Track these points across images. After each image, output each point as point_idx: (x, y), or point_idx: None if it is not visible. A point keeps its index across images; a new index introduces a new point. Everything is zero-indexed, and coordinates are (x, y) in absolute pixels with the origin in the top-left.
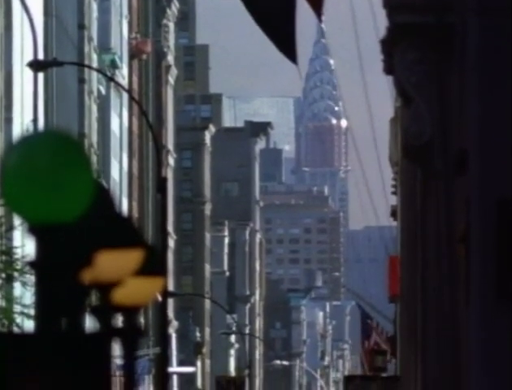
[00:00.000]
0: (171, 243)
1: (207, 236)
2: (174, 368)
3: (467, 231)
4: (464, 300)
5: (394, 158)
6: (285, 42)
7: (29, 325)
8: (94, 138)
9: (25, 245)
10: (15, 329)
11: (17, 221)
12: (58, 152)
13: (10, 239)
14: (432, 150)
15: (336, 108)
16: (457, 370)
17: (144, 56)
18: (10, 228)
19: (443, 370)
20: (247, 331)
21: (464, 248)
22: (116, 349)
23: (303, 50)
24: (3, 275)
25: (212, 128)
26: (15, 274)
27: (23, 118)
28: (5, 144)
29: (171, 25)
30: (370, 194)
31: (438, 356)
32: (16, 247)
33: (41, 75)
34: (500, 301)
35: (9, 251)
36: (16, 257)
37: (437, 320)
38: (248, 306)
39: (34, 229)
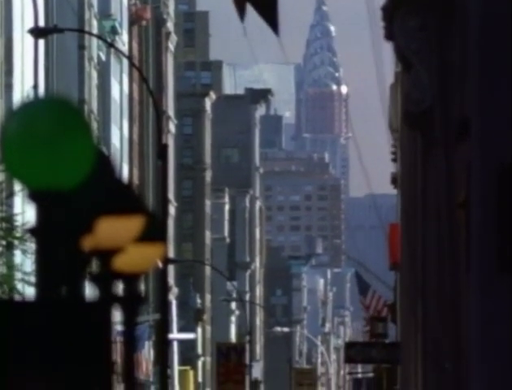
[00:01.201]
0: (172, 210)
1: (207, 203)
2: (174, 334)
3: (467, 199)
4: (464, 267)
5: (394, 125)
6: (267, 11)
7: (30, 292)
8: (94, 104)
9: (25, 212)
10: (16, 296)
11: (17, 187)
12: (59, 118)
13: (10, 206)
14: (432, 117)
15: (337, 74)
16: (457, 336)
17: (144, 22)
18: (11, 194)
19: (443, 336)
20: (247, 298)
21: (464, 215)
22: (117, 316)
23: (304, 17)
24: (3, 243)
25: (212, 95)
26: (16, 241)
27: (24, 84)
28: (5, 110)
29: None
30: (370, 161)
31: (438, 323)
32: (16, 214)
33: (41, 42)
34: (500, 269)
35: (9, 218)
36: (16, 224)
37: (437, 287)
38: (248, 273)
39: (34, 196)
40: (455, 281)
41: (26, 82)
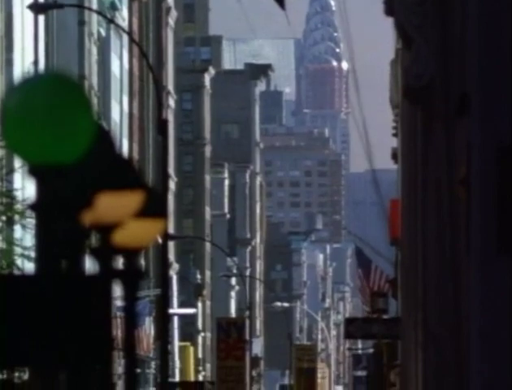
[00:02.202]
0: (172, 185)
1: (207, 178)
2: (174, 309)
3: (468, 175)
4: (464, 244)
5: (395, 100)
6: None
7: (30, 267)
8: (95, 80)
9: (25, 188)
10: (16, 271)
11: (17, 163)
12: (59, 94)
13: (10, 181)
14: (433, 92)
15: (337, 50)
16: (457, 311)
17: None
18: (11, 171)
19: (443, 311)
20: (248, 273)
21: (464, 191)
22: (117, 291)
23: None
24: (4, 218)
25: (212, 70)
26: (16, 217)
27: (24, 60)
28: (5, 86)
29: None
30: (371, 137)
31: (438, 298)
32: (16, 189)
33: (41, 18)
34: (500, 249)
35: (9, 193)
36: (17, 199)
37: (437, 263)
38: (248, 249)
39: (34, 171)
40: (455, 258)
41: (26, 58)
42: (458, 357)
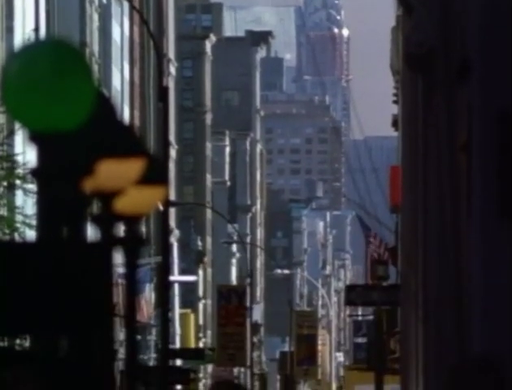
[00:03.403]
0: (173, 152)
1: (208, 145)
2: (175, 277)
3: (469, 141)
4: (465, 210)
5: (395, 67)
6: None
7: (31, 235)
8: (95, 47)
9: (26, 152)
10: (17, 238)
11: (17, 126)
12: (60, 61)
13: (11, 145)
14: (434, 59)
15: (338, 17)
16: (457, 280)
17: None
18: (11, 133)
19: (444, 278)
20: (248, 240)
21: (465, 157)
22: (118, 258)
23: None
24: (5, 184)
25: (213, 38)
26: (17, 181)
27: (25, 27)
28: (6, 53)
29: None
30: (371, 104)
31: (439, 265)
32: (17, 154)
33: None
34: (500, 214)
35: (10, 158)
36: (17, 164)
37: (438, 230)
38: (249, 216)
39: (35, 137)
40: (456, 224)
41: (27, 25)
42: (459, 322)
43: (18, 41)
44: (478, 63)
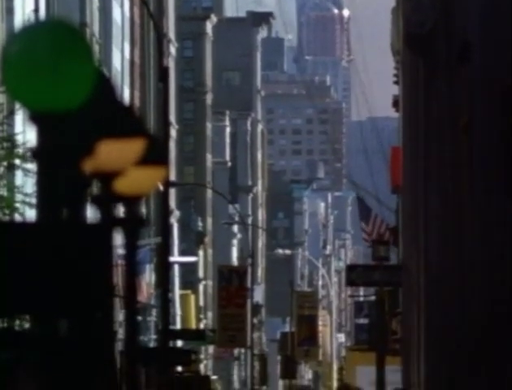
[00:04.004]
0: (173, 132)
1: (209, 125)
2: (175, 257)
3: (470, 121)
4: (467, 190)
5: (396, 48)
6: None
7: (31, 214)
8: (96, 27)
9: (26, 132)
10: (17, 217)
11: (17, 106)
12: (60, 41)
13: (11, 125)
14: (434, 40)
15: None
16: (459, 259)
17: None
18: (11, 113)
19: (445, 259)
20: (249, 221)
21: (466, 137)
22: (118, 239)
23: None
24: (5, 164)
25: (213, 18)
26: (17, 161)
27: (25, 8)
28: (6, 34)
29: None
30: (372, 84)
31: (440, 246)
32: (17, 133)
33: None
34: (502, 192)
35: (10, 138)
36: (17, 143)
37: (440, 210)
38: (250, 197)
39: (35, 118)
40: (457, 204)
41: (27, 6)
42: (460, 301)
43: (18, 21)
44: (478, 44)
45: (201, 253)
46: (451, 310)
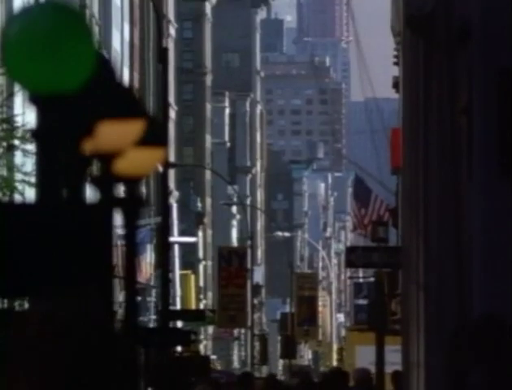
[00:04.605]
0: (172, 114)
1: (208, 106)
2: (175, 238)
3: (469, 103)
4: (466, 171)
5: (396, 29)
6: None
7: (30, 193)
8: (95, 9)
9: (25, 113)
10: (17, 197)
11: (17, 88)
12: (60, 23)
13: (10, 107)
14: (435, 21)
15: None
16: (458, 241)
17: None
18: (11, 95)
19: (445, 239)
20: (248, 202)
21: (466, 119)
22: (117, 219)
23: None
24: (4, 144)
25: None
26: (16, 142)
27: None
28: (6, 15)
29: None
30: (372, 65)
31: (439, 227)
32: (17, 115)
33: None
34: (501, 174)
35: (9, 119)
36: (17, 125)
37: (439, 191)
38: (249, 177)
39: (35, 99)
40: (457, 185)
41: None
42: (460, 283)
43: (18, 3)
44: (478, 25)
45: (200, 233)
46: (450, 292)
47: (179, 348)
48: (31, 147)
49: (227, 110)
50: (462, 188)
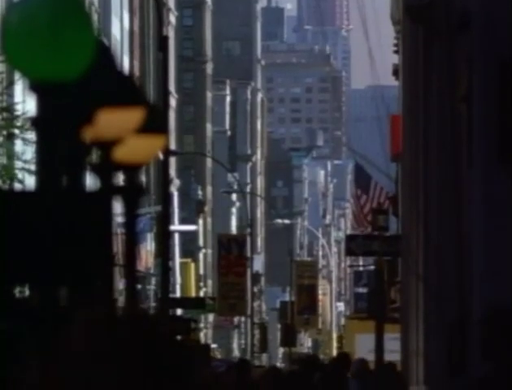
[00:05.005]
0: (173, 102)
1: (209, 95)
2: (175, 226)
3: (469, 91)
4: (466, 158)
5: (396, 16)
6: None
7: (30, 181)
8: None
9: (26, 102)
10: (17, 185)
11: (17, 76)
12: (60, 10)
13: (10, 95)
14: (434, 10)
15: None
16: (458, 227)
17: None
18: (11, 83)
19: (444, 227)
20: (248, 189)
21: (466, 106)
22: (117, 208)
23: None
24: (4, 133)
25: None
26: (16, 131)
27: None
28: (6, 3)
29: None
30: (372, 53)
31: (440, 214)
32: (17, 103)
33: None
34: (501, 160)
35: (9, 108)
36: (17, 113)
37: (439, 179)
38: (249, 165)
39: (35, 87)
40: (457, 172)
41: None
42: (460, 270)
43: None
44: (478, 14)
45: (200, 221)
46: (450, 279)
47: (179, 336)
48: (31, 136)
49: (228, 99)
50: (461, 175)
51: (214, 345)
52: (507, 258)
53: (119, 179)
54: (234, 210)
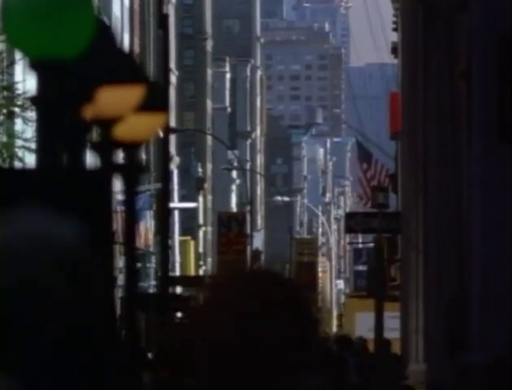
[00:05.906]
0: (173, 79)
1: (209, 72)
2: (175, 203)
3: (468, 67)
4: (465, 135)
5: None
6: None
7: (30, 159)
8: None
9: (26, 81)
10: (16, 163)
11: (18, 56)
12: None
13: (11, 74)
14: None
15: None
16: (457, 206)
17: None
18: (11, 63)
19: (443, 205)
20: (248, 166)
21: (465, 83)
22: (117, 186)
23: None
24: (4, 111)
25: None
26: (17, 110)
27: None
28: None
29: None
30: (371, 31)
31: (439, 192)
32: (17, 82)
33: None
34: (500, 138)
35: (10, 87)
36: (18, 92)
37: (438, 156)
38: (249, 142)
39: (36, 65)
40: (456, 150)
41: None
42: (459, 248)
43: None
44: None
45: (200, 199)
46: (449, 257)
47: (178, 314)
48: (31, 115)
49: (228, 76)
50: (461, 152)
51: None
52: (506, 235)
53: (119, 156)
54: (234, 187)
